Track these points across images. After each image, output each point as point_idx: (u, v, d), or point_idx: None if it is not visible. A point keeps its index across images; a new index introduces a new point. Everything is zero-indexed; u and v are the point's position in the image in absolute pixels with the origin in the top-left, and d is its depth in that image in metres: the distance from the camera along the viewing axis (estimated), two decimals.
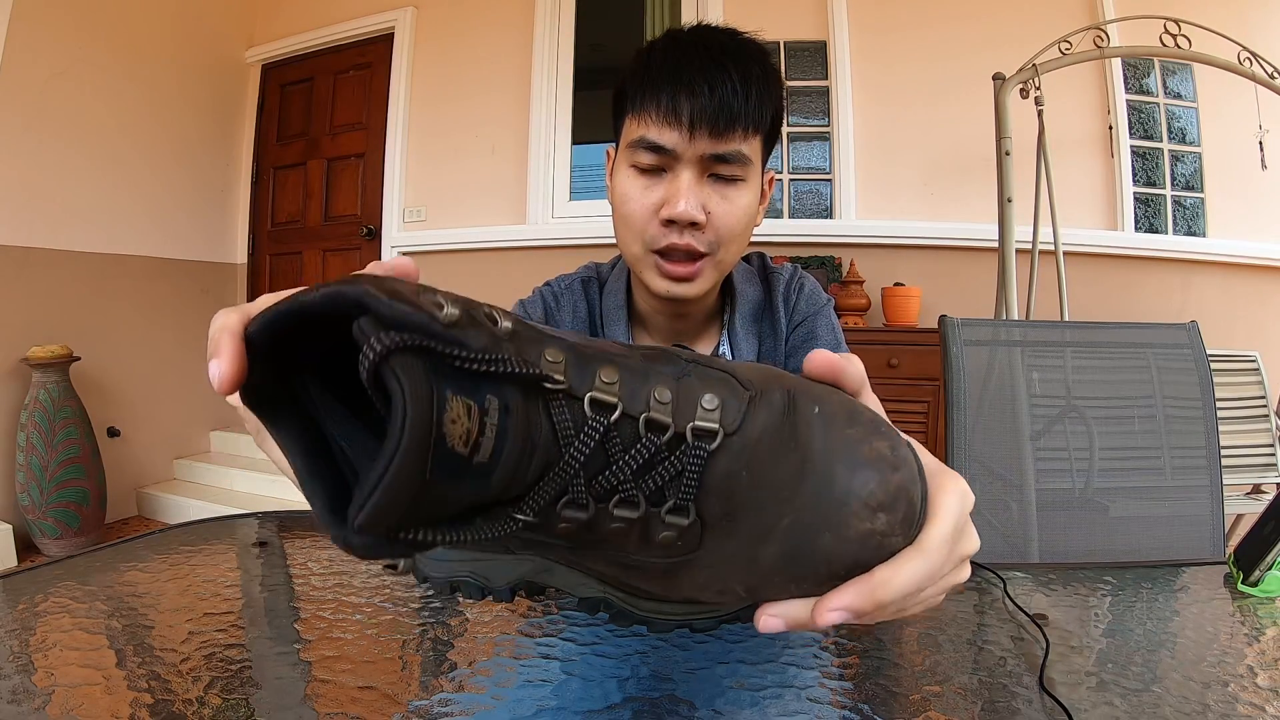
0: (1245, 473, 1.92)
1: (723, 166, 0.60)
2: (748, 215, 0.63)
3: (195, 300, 3.13)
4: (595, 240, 2.65)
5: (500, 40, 2.86)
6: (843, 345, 0.73)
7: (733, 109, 0.57)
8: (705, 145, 0.58)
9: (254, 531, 0.67)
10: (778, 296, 0.73)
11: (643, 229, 0.62)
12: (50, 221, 2.54)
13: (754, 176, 0.63)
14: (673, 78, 0.58)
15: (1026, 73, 1.89)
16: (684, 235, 0.60)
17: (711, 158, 0.59)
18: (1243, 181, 2.43)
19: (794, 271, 0.76)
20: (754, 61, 0.60)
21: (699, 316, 0.72)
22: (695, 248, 0.61)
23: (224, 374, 0.22)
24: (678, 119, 0.58)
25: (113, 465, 2.59)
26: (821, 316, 0.73)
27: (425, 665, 0.42)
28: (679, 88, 0.57)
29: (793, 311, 0.73)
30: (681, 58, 0.59)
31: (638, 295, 0.72)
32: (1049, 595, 0.55)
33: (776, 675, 0.41)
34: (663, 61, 0.59)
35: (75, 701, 0.36)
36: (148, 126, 2.88)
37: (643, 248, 0.63)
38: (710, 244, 0.62)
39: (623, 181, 0.63)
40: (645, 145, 0.60)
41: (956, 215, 2.46)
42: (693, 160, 0.59)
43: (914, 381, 2.17)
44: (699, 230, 0.61)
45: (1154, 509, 0.99)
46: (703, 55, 0.58)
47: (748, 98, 0.58)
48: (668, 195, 0.60)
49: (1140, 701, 0.38)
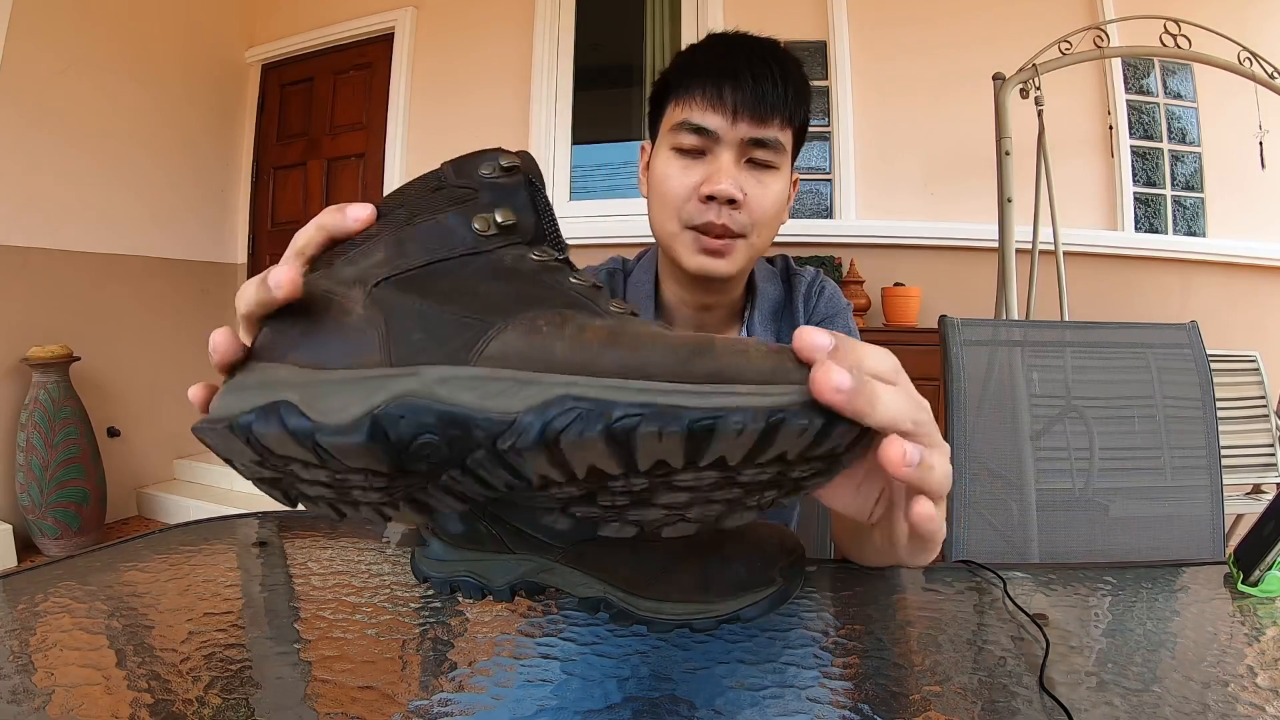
0: (1245, 473, 1.92)
1: (760, 152, 0.64)
2: (779, 202, 0.66)
3: (195, 300, 3.13)
4: (596, 240, 2.65)
5: (500, 40, 2.86)
6: None
7: (773, 99, 0.62)
8: (746, 129, 0.62)
9: (254, 531, 0.67)
10: (798, 297, 0.76)
11: (681, 206, 0.65)
12: (50, 221, 2.54)
13: (785, 167, 0.67)
14: (719, 67, 0.63)
15: (1026, 73, 1.89)
16: (721, 213, 0.63)
17: (750, 142, 0.63)
18: (1242, 181, 2.43)
19: (816, 275, 0.79)
20: (791, 65, 0.65)
21: (723, 311, 0.74)
22: (730, 227, 0.64)
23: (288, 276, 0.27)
24: (722, 103, 0.62)
25: (113, 465, 2.59)
26: (839, 319, 0.76)
27: (425, 665, 0.42)
28: (724, 77, 0.62)
29: (812, 313, 0.76)
30: (727, 52, 0.64)
31: (665, 286, 0.75)
32: (1049, 595, 0.55)
33: (776, 675, 0.41)
34: (709, 55, 0.65)
35: (75, 701, 0.36)
36: (148, 126, 2.88)
37: (679, 225, 0.65)
38: (744, 225, 0.64)
39: (663, 163, 0.66)
40: (689, 127, 0.63)
41: (956, 215, 2.46)
42: (733, 143, 0.63)
43: (914, 381, 2.17)
44: (735, 209, 0.63)
45: (1154, 509, 0.99)
46: (747, 51, 0.64)
47: (786, 92, 0.63)
48: (708, 174, 0.63)
49: (1140, 701, 0.38)
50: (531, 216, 0.31)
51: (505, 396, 0.24)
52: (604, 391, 0.23)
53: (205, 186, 3.18)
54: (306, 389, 0.25)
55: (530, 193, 0.31)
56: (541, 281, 0.29)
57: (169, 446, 3.03)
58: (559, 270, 0.30)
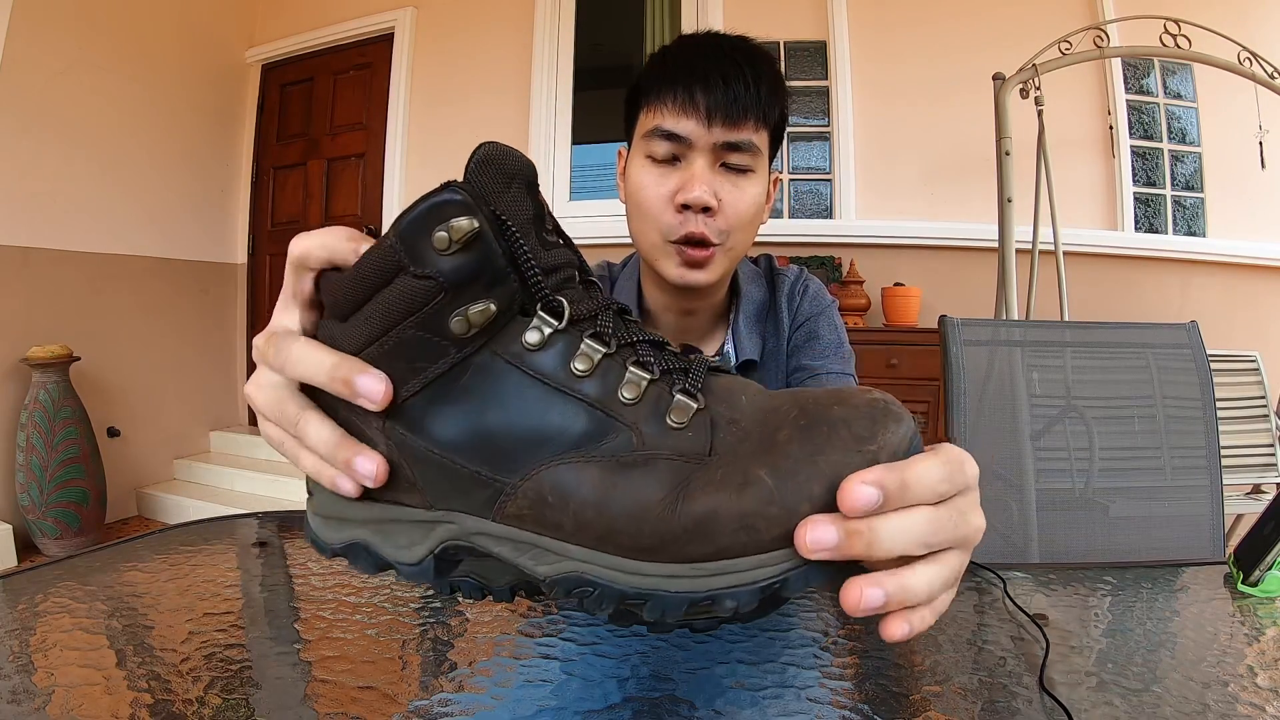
0: (1245, 473, 1.92)
1: (734, 155, 0.63)
2: (756, 205, 0.65)
3: (195, 300, 3.13)
4: (596, 240, 2.65)
5: (500, 40, 2.86)
6: (845, 345, 0.74)
7: (745, 101, 0.61)
8: (720, 133, 0.61)
9: (254, 531, 0.67)
10: (782, 297, 0.75)
11: (659, 217, 0.64)
12: (50, 221, 2.54)
13: (762, 169, 0.65)
14: (689, 72, 0.61)
15: (1026, 73, 1.90)
16: (697, 221, 0.63)
17: (724, 145, 0.62)
18: (1243, 181, 2.43)
19: (799, 273, 0.78)
20: (764, 63, 0.63)
21: (707, 314, 0.74)
22: (707, 236, 0.63)
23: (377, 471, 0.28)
24: (694, 108, 0.61)
25: (113, 465, 2.59)
26: (824, 317, 0.75)
27: (425, 665, 0.42)
28: (695, 80, 0.61)
29: (796, 312, 0.75)
30: (697, 55, 0.63)
31: (648, 293, 0.74)
32: (1049, 595, 0.55)
33: (776, 675, 0.41)
34: (679, 58, 0.64)
35: (75, 701, 0.36)
36: (148, 126, 2.88)
37: (660, 237, 0.65)
38: (720, 232, 0.64)
39: (638, 172, 0.65)
40: (661, 134, 0.62)
41: (956, 215, 2.46)
42: (706, 148, 0.62)
43: (914, 381, 2.17)
44: (711, 216, 0.63)
45: (1154, 509, 0.99)
46: (717, 54, 0.62)
47: (759, 92, 0.61)
48: (682, 182, 0.62)
49: (1140, 701, 0.38)
50: (513, 280, 0.26)
51: (531, 558, 0.27)
52: (615, 576, 0.26)
53: (205, 186, 3.18)
54: (374, 529, 0.30)
55: (504, 244, 0.26)
56: (538, 410, 0.26)
57: (169, 446, 3.03)
58: (557, 375, 0.27)
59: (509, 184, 0.26)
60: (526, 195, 0.27)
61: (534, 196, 0.28)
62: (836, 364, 0.72)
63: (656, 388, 0.27)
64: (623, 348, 0.28)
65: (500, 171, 0.26)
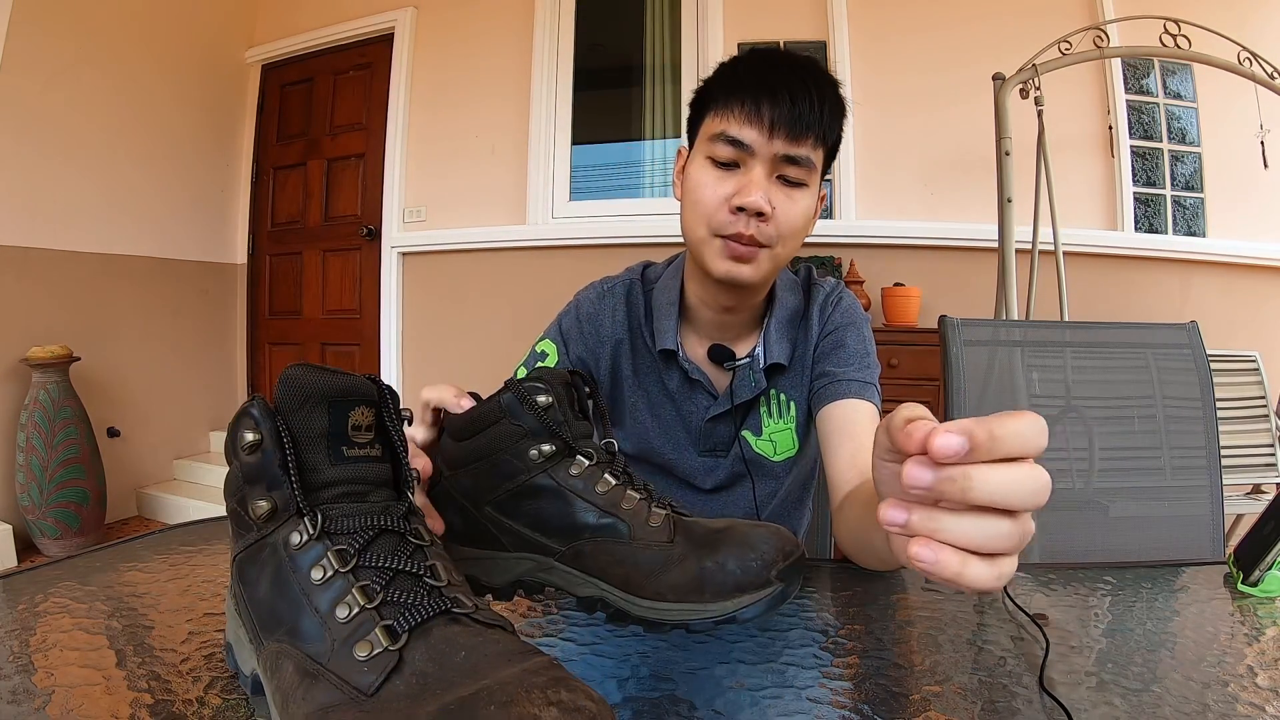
0: (1245, 473, 1.92)
1: (791, 169, 0.66)
2: (805, 217, 0.69)
3: (195, 300, 3.13)
4: (596, 240, 2.65)
5: (500, 40, 2.86)
6: (870, 356, 0.76)
7: (809, 119, 0.64)
8: (781, 145, 0.64)
9: None
10: (815, 306, 0.78)
11: (712, 215, 0.67)
12: (50, 221, 2.54)
13: (814, 184, 0.69)
14: (759, 84, 0.65)
15: (1026, 73, 1.89)
16: (750, 224, 0.66)
17: (783, 158, 0.65)
18: (1243, 181, 2.43)
19: (835, 286, 0.81)
20: (829, 86, 0.67)
21: (744, 316, 0.77)
22: (757, 238, 0.66)
23: None
24: (759, 119, 0.64)
25: (113, 465, 2.59)
26: (852, 329, 0.77)
27: None
28: (763, 93, 0.64)
29: (826, 321, 0.78)
30: (768, 69, 0.66)
31: (690, 291, 0.77)
32: (1049, 595, 0.55)
33: (776, 675, 0.41)
34: (750, 69, 0.67)
35: (75, 701, 0.36)
36: (148, 126, 2.88)
37: (709, 231, 0.68)
38: (770, 237, 0.67)
39: (698, 171, 0.69)
40: (726, 139, 0.65)
41: (956, 215, 2.46)
42: (766, 158, 0.65)
43: (914, 381, 2.17)
44: (764, 221, 0.66)
45: (1154, 509, 0.99)
46: (787, 70, 0.65)
47: (822, 112, 0.65)
48: (739, 187, 0.65)
49: (1140, 701, 0.38)
50: (287, 485, 0.32)
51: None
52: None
53: (205, 186, 3.18)
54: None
55: (281, 454, 0.32)
56: (291, 597, 0.31)
57: (169, 446, 3.03)
58: (301, 575, 0.31)
59: (303, 403, 0.32)
60: (324, 413, 0.32)
61: (337, 414, 0.33)
62: (857, 372, 0.73)
63: (365, 614, 0.29)
64: (362, 569, 0.31)
65: (298, 391, 0.32)
